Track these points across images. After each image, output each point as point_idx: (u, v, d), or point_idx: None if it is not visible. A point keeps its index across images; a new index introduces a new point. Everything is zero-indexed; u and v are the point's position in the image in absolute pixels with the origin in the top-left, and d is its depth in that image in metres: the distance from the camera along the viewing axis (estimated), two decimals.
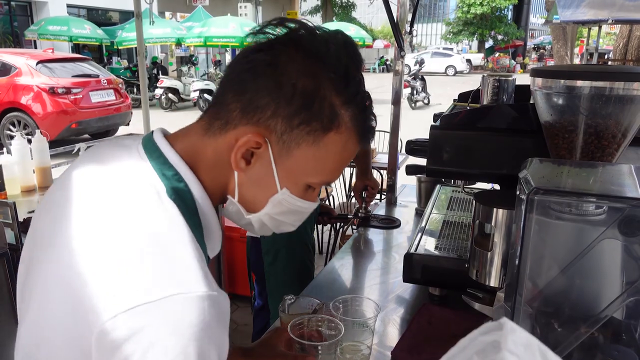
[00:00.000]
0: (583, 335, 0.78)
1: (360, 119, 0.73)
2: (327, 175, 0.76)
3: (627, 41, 10.39)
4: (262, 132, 0.70)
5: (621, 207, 0.78)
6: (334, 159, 0.74)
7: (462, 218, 1.70)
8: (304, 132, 0.70)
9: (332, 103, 0.70)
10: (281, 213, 0.77)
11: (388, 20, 2.25)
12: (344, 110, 0.71)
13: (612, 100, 0.92)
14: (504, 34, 32.14)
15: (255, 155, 0.72)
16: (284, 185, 0.74)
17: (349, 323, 1.11)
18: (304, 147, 0.71)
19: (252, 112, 0.70)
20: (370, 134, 0.77)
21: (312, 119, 0.69)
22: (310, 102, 0.69)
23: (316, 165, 0.73)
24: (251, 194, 0.76)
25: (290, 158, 0.72)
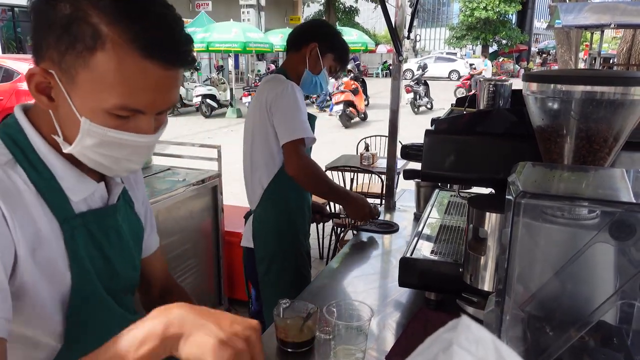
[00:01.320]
0: (572, 339, 0.78)
1: (133, 33, 0.71)
2: (118, 98, 0.74)
3: (631, 46, 10.40)
4: (45, 66, 0.74)
5: (613, 211, 0.78)
6: (114, 78, 0.72)
7: (460, 222, 1.70)
8: (73, 56, 0.72)
9: (92, 22, 0.71)
10: (98, 145, 0.78)
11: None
12: (109, 28, 0.71)
13: (604, 104, 0.92)
14: (508, 38, 32.17)
15: (54, 91, 0.76)
16: (83, 114, 0.76)
17: (343, 327, 1.11)
18: (80, 73, 0.73)
19: (35, 50, 0.76)
20: (159, 47, 0.73)
21: (74, 42, 0.71)
22: (68, 25, 0.71)
23: (98, 88, 0.73)
24: (66, 129, 0.79)
25: (76, 86, 0.74)
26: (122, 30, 0.71)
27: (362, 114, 12.26)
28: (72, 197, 0.83)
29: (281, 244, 2.09)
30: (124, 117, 0.77)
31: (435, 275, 1.37)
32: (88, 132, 0.76)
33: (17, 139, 0.80)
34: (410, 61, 22.64)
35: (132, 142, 0.79)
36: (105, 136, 0.77)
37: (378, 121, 12.21)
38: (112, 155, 0.80)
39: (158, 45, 0.73)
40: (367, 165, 4.17)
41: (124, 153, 0.80)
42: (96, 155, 0.79)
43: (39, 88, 0.76)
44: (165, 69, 0.75)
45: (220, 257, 3.26)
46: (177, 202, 2.78)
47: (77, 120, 0.76)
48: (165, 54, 0.74)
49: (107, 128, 0.76)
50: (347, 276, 1.70)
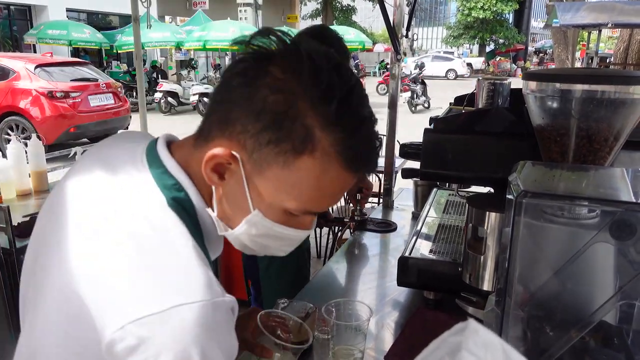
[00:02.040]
0: (573, 339, 0.77)
1: (346, 144, 0.65)
2: (306, 203, 0.70)
3: (628, 45, 10.42)
4: (233, 147, 0.67)
5: (613, 211, 0.77)
6: (310, 185, 0.67)
7: (458, 221, 1.69)
8: (273, 152, 0.65)
9: (307, 124, 0.64)
10: (259, 236, 0.74)
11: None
12: (323, 133, 0.64)
13: (604, 103, 0.92)
14: (505, 37, 32.22)
15: (229, 171, 0.69)
16: (257, 207, 0.71)
17: (342, 327, 1.10)
18: (274, 169, 0.66)
19: (226, 125, 0.68)
20: (364, 162, 0.69)
21: (281, 139, 0.64)
22: (280, 121, 0.64)
23: (289, 190, 0.68)
24: (228, 211, 0.73)
25: (262, 179, 0.68)
26: (335, 140, 0.65)
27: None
28: (212, 257, 0.78)
29: None
30: (296, 215, 0.73)
31: (433, 275, 1.37)
32: (255, 223, 0.72)
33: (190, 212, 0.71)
34: (408, 60, 22.65)
35: (293, 237, 0.76)
36: (271, 230, 0.73)
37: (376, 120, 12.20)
38: (266, 245, 0.77)
39: (364, 161, 0.69)
40: None
41: (279, 244, 0.77)
42: (251, 242, 0.76)
43: (216, 169, 0.69)
44: (355, 176, 0.70)
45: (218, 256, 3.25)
46: None
47: (246, 209, 0.71)
48: (367, 167, 0.71)
49: (276, 223, 0.72)
50: (345, 275, 1.69)
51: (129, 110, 9.12)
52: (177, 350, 0.58)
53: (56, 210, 0.73)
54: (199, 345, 0.59)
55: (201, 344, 0.59)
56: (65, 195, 0.73)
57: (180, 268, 0.63)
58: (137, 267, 0.62)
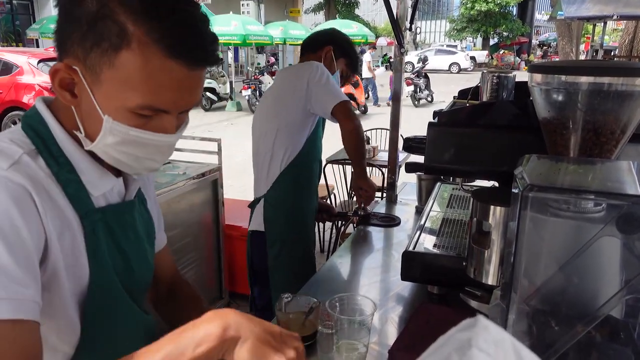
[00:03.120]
0: (579, 333, 0.77)
1: (161, 31, 0.70)
2: (144, 98, 0.73)
3: (633, 37, 10.35)
4: (69, 62, 0.73)
5: (620, 204, 0.76)
6: (139, 78, 0.71)
7: (462, 216, 1.68)
8: (98, 54, 0.70)
9: (118, 20, 0.69)
10: (120, 143, 0.77)
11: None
12: (135, 26, 0.69)
13: (611, 96, 0.91)
14: (509, 30, 32.01)
15: (77, 87, 0.75)
16: (106, 113, 0.75)
17: (346, 321, 1.10)
18: (105, 71, 0.71)
19: (59, 45, 0.75)
20: (185, 47, 0.71)
21: (100, 40, 0.70)
22: (94, 22, 0.69)
23: (123, 87, 0.72)
24: (88, 126, 0.78)
25: (101, 83, 0.73)
26: (149, 29, 0.70)
27: (362, 107, 12.22)
28: (92, 191, 0.82)
29: (292, 229, 2.16)
30: (147, 116, 0.76)
31: (438, 269, 1.36)
32: (110, 130, 0.75)
33: (38, 130, 0.79)
34: (411, 54, 22.54)
35: (154, 142, 0.78)
36: (128, 135, 0.76)
37: (378, 114, 12.17)
38: (133, 154, 0.79)
39: (184, 45, 0.72)
40: (368, 158, 4.14)
41: (145, 152, 0.79)
42: (118, 153, 0.79)
43: (63, 84, 0.75)
44: (190, 68, 0.73)
45: (221, 250, 3.26)
46: (178, 195, 2.77)
47: (99, 117, 0.75)
48: (191, 54, 0.73)
49: (130, 127, 0.75)
50: (349, 270, 1.69)
51: None
52: None
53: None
54: None
55: None
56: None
57: None
58: None
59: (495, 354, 0.25)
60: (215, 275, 3.27)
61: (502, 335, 0.28)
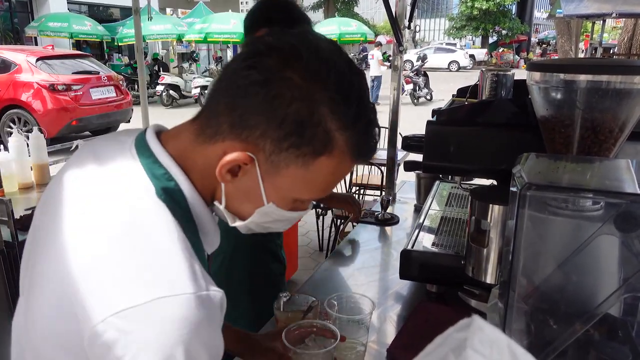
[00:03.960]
0: (577, 332, 0.77)
1: (359, 141, 0.69)
2: (316, 193, 0.74)
3: (632, 35, 10.34)
4: (250, 150, 0.68)
5: (618, 203, 0.76)
6: (324, 180, 0.71)
7: (461, 214, 1.68)
8: (293, 155, 0.67)
9: (327, 129, 0.66)
10: (268, 222, 0.77)
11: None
12: (340, 135, 0.67)
13: (609, 94, 0.91)
14: (508, 29, 31.99)
15: (242, 170, 0.70)
16: (271, 200, 0.72)
17: (344, 320, 1.10)
18: (292, 168, 0.68)
19: (241, 129, 0.67)
20: (368, 154, 0.73)
21: (302, 144, 0.66)
22: (303, 128, 0.65)
23: (305, 186, 0.71)
24: (238, 204, 0.75)
25: (278, 177, 0.70)
26: (349, 138, 0.68)
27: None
28: (208, 250, 0.79)
29: (244, 237, 1.84)
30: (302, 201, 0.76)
31: (436, 268, 1.36)
32: (267, 213, 0.74)
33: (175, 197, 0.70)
34: (410, 52, 22.52)
35: (298, 218, 0.79)
36: (282, 216, 0.76)
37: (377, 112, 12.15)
38: (269, 227, 0.79)
39: (369, 152, 0.73)
40: None
41: (280, 225, 0.79)
42: (257, 227, 0.78)
43: (232, 170, 0.70)
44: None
45: None
46: None
47: (259, 202, 0.73)
48: (370, 156, 0.74)
49: (286, 211, 0.75)
50: (347, 269, 1.69)
51: (131, 103, 9.11)
52: (159, 346, 0.57)
53: (50, 204, 0.74)
54: (183, 343, 0.58)
55: (185, 342, 0.58)
56: (58, 189, 0.73)
57: (164, 260, 0.62)
58: (120, 259, 0.62)
59: (490, 355, 0.25)
60: None
61: (497, 336, 0.28)
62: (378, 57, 13.55)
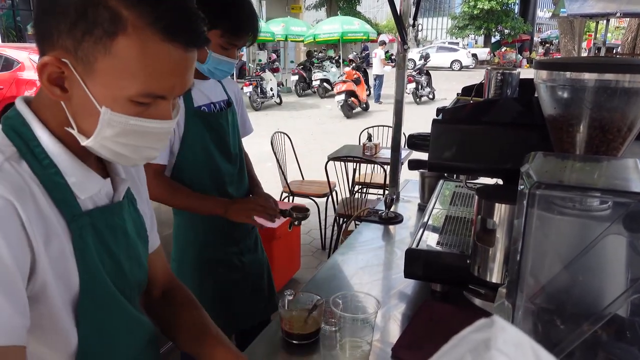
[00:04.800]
0: (586, 332, 0.76)
1: (155, 14, 0.69)
2: (144, 85, 0.71)
3: (636, 35, 10.31)
4: (58, 55, 0.70)
5: (626, 202, 0.76)
6: (137, 63, 0.69)
7: (465, 213, 1.68)
8: (91, 43, 0.68)
9: (110, 6, 0.67)
10: (119, 135, 0.75)
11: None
12: (129, 10, 0.68)
13: (618, 93, 0.90)
14: (511, 28, 31.92)
15: (67, 81, 0.72)
16: (103, 104, 0.72)
17: (349, 319, 1.10)
18: (100, 60, 0.69)
19: (43, 39, 0.71)
20: (180, 29, 0.71)
21: (92, 28, 0.67)
22: (84, 10, 0.67)
23: (121, 75, 0.70)
24: (83, 122, 0.75)
25: (95, 74, 0.70)
26: (142, 12, 0.68)
27: (364, 104, 12.21)
28: (79, 194, 0.79)
29: (185, 250, 1.88)
30: (145, 104, 0.74)
31: (441, 267, 1.36)
32: (109, 122, 0.73)
33: (20, 132, 0.75)
34: (413, 51, 22.48)
35: (154, 129, 0.76)
36: (127, 125, 0.74)
37: (380, 111, 12.16)
38: (133, 144, 0.77)
39: (179, 27, 0.71)
40: (369, 155, 4.14)
41: (145, 141, 0.78)
42: (116, 145, 0.76)
43: (51, 79, 0.72)
44: (185, 50, 0.72)
45: None
46: None
47: (95, 110, 0.72)
48: (186, 35, 0.72)
49: (129, 116, 0.73)
50: (351, 268, 1.68)
51: None
52: None
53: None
54: None
55: None
56: None
57: None
58: None
59: (515, 356, 0.25)
60: None
61: (520, 337, 0.28)
62: (381, 56, 13.54)
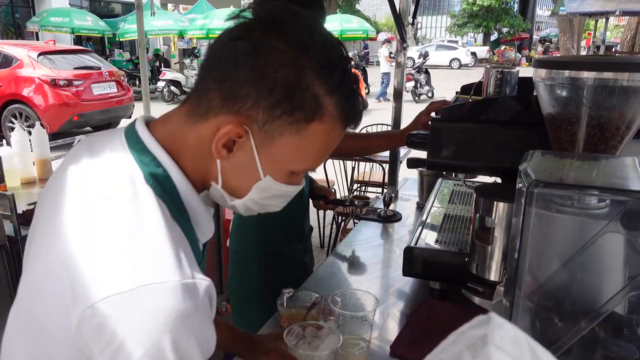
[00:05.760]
0: (583, 330, 0.76)
1: (346, 105, 0.71)
2: (311, 163, 0.75)
3: (635, 33, 10.32)
4: (243, 122, 0.69)
5: (624, 200, 0.76)
6: (318, 147, 0.73)
7: (464, 212, 1.68)
8: (286, 122, 0.68)
9: (315, 93, 0.68)
10: (266, 198, 0.77)
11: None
12: (328, 99, 0.69)
13: (617, 91, 0.90)
14: (510, 26, 31.91)
15: (237, 144, 0.71)
16: (267, 173, 0.73)
17: (348, 317, 1.10)
18: (286, 137, 0.70)
19: (233, 102, 0.68)
20: (356, 119, 0.75)
21: (294, 110, 0.68)
22: (292, 93, 0.67)
23: (300, 154, 0.73)
24: (234, 181, 0.75)
25: (273, 147, 0.71)
26: (337, 103, 0.70)
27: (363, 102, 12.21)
28: (202, 239, 0.79)
29: (256, 245, 1.82)
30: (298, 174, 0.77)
31: (440, 265, 1.36)
32: (265, 188, 0.75)
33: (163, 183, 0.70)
34: (412, 49, 22.47)
35: (294, 192, 0.79)
36: (279, 191, 0.76)
37: (379, 110, 12.16)
38: (268, 204, 0.79)
39: (357, 116, 0.74)
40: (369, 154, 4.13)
41: (278, 201, 0.79)
42: (255, 205, 0.78)
43: (227, 143, 0.70)
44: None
45: (221, 245, 3.25)
46: None
47: (256, 177, 0.73)
48: (359, 122, 0.76)
49: (283, 184, 0.75)
50: (349, 266, 1.69)
51: (132, 99, 9.11)
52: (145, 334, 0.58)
53: (48, 197, 0.75)
54: (170, 331, 0.58)
55: (171, 330, 0.58)
56: (55, 183, 0.75)
57: (149, 247, 0.63)
58: (108, 246, 0.62)
59: (512, 352, 0.25)
60: (215, 270, 3.27)
61: (517, 333, 0.28)
62: (384, 54, 13.54)
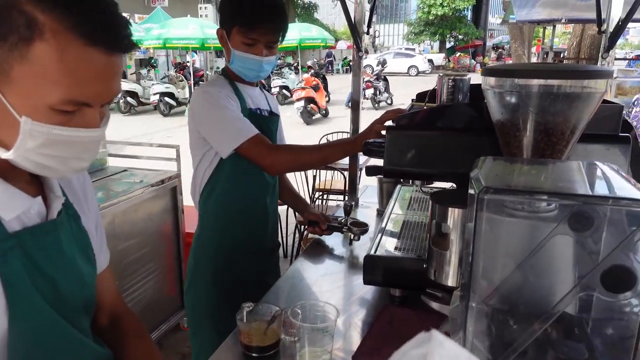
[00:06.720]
0: (537, 331, 0.78)
1: (75, 18, 0.66)
2: (63, 91, 0.68)
3: (580, 40, 10.79)
4: None
5: (571, 204, 0.78)
6: (57, 69, 0.67)
7: (422, 218, 1.70)
8: (5, 50, 0.65)
9: (25, 10, 0.65)
10: (43, 146, 0.71)
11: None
12: (45, 15, 0.65)
13: (560, 97, 0.93)
14: (464, 34, 32.89)
15: None
16: (23, 113, 0.69)
17: (308, 329, 1.09)
18: (16, 67, 0.66)
19: None
20: (102, 33, 0.68)
21: (7, 33, 0.65)
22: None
23: (40, 82, 0.67)
24: (1, 133, 0.71)
25: (11, 82, 0.67)
26: (60, 16, 0.65)
27: (323, 111, 12.27)
28: (4, 215, 0.74)
29: (205, 256, 1.91)
30: (69, 112, 0.70)
31: (399, 272, 1.37)
32: (30, 132, 0.69)
33: None
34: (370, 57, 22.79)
35: (80, 138, 0.73)
36: (51, 135, 0.70)
37: (339, 117, 12.25)
38: (59, 155, 0.73)
39: (101, 31, 0.68)
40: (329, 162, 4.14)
41: (72, 151, 0.74)
42: (41, 157, 0.72)
43: None
44: (109, 54, 0.70)
45: (181, 259, 3.18)
46: (135, 204, 2.69)
47: (14, 120, 0.69)
48: (108, 39, 0.69)
49: (52, 125, 0.70)
50: (311, 275, 1.68)
51: None
52: None
53: None
54: None
55: None
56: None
57: None
58: None
59: None
60: (176, 285, 3.19)
61: (457, 352, 0.28)
62: None
